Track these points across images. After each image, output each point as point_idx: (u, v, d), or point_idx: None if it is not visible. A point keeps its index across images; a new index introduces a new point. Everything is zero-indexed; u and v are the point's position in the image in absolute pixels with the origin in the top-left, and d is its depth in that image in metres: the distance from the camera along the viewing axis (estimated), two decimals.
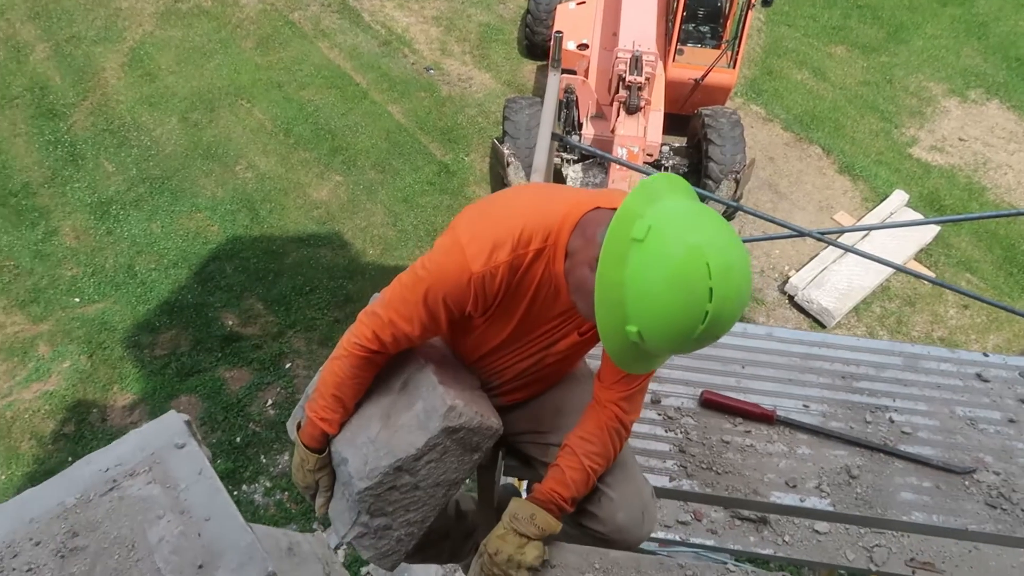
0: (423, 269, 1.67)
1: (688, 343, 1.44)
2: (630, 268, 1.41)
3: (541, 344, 1.83)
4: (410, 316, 1.69)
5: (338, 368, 1.77)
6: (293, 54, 8.98)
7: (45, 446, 5.75)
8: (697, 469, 2.25)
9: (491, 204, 1.72)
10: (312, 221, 7.40)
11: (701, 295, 1.36)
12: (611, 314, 1.46)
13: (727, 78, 7.92)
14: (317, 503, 1.92)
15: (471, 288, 1.61)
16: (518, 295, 1.68)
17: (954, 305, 7.15)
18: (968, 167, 8.40)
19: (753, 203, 7.82)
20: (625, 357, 1.53)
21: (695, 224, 1.40)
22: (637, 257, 1.40)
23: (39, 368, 6.16)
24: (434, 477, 1.82)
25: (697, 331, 1.40)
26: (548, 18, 8.69)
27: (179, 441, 1.37)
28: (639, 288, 1.40)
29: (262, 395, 6.11)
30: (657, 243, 1.38)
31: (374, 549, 1.88)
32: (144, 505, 1.28)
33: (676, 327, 1.40)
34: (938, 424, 2.38)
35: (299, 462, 1.87)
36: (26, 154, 7.77)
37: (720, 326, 1.41)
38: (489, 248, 1.58)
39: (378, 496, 1.80)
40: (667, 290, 1.38)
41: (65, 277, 6.80)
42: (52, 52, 8.74)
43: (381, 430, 1.79)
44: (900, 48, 9.69)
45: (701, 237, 1.38)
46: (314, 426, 1.83)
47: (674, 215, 1.42)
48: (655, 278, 1.39)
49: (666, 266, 1.38)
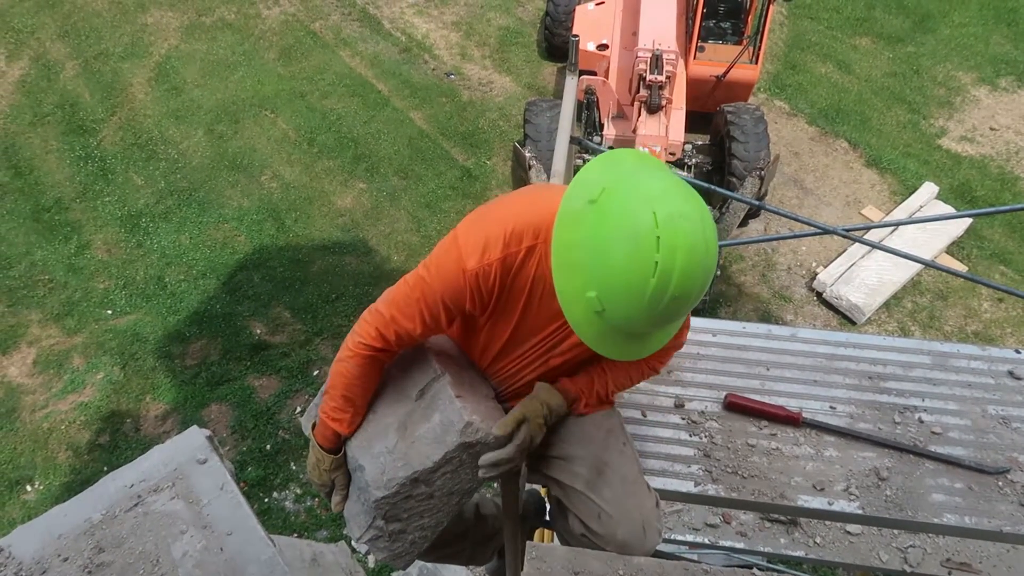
0: (424, 268, 1.71)
1: (645, 303, 1.38)
2: (583, 228, 1.40)
3: (546, 345, 1.84)
4: (412, 314, 1.72)
5: (345, 369, 1.79)
6: (315, 64, 9.07)
7: (81, 456, 5.87)
8: (722, 474, 2.23)
9: (491, 205, 1.76)
10: (337, 229, 7.47)
11: (648, 245, 1.33)
12: (569, 281, 1.44)
13: (749, 74, 7.84)
14: (333, 501, 1.95)
15: (467, 286, 1.65)
16: (514, 293, 1.70)
17: (988, 299, 7.01)
18: (1000, 157, 8.23)
19: (779, 199, 7.73)
20: (592, 332, 1.50)
21: (648, 181, 1.39)
22: (590, 217, 1.39)
23: (74, 380, 6.29)
24: (448, 487, 1.84)
25: (650, 286, 1.35)
26: (567, 20, 8.67)
27: (201, 456, 1.39)
28: (591, 246, 1.39)
29: (291, 402, 6.17)
30: (608, 201, 1.38)
31: (388, 551, 1.91)
32: (168, 520, 1.31)
33: (629, 284, 1.36)
34: (969, 423, 2.33)
35: (315, 462, 1.90)
36: (58, 170, 7.94)
37: (676, 284, 1.35)
38: (482, 246, 1.62)
39: (394, 504, 1.82)
40: (615, 243, 1.35)
41: (97, 290, 6.94)
42: (81, 69, 8.93)
43: (399, 441, 1.80)
44: (927, 38, 9.52)
45: (651, 191, 1.36)
46: (327, 427, 1.85)
47: (630, 176, 1.40)
48: (605, 234, 1.37)
49: (615, 220, 1.36)
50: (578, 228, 1.42)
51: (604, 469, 1.91)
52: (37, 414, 6.11)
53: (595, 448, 1.93)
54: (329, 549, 1.64)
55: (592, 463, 1.91)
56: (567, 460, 1.93)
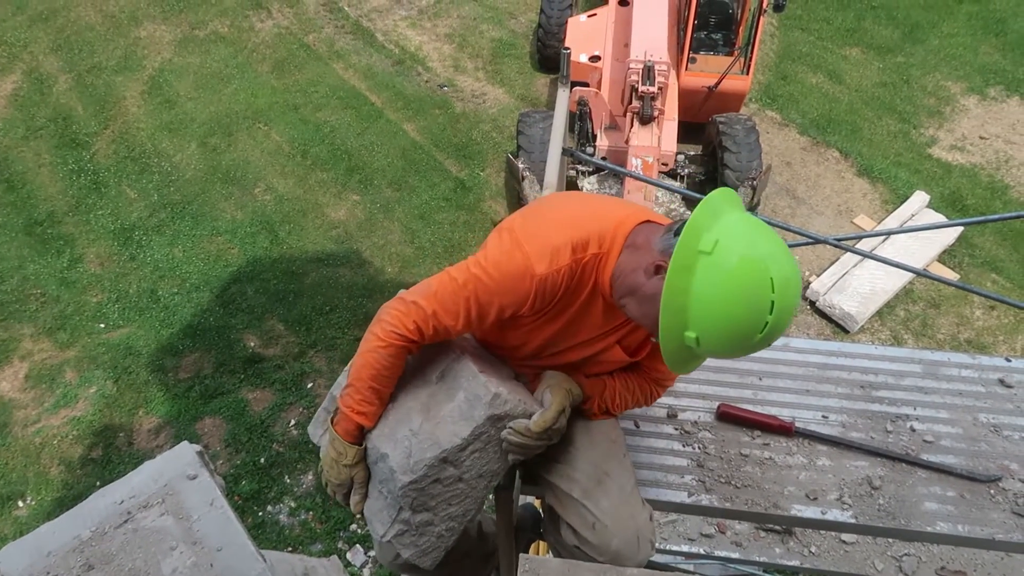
0: (478, 267, 1.68)
1: (740, 350, 1.58)
2: (697, 278, 1.51)
3: (578, 353, 1.87)
4: (456, 312, 1.69)
5: (374, 359, 1.74)
6: (309, 76, 9.09)
7: (74, 471, 5.83)
8: (716, 484, 2.23)
9: (544, 209, 1.77)
10: (330, 241, 7.47)
11: (763, 307, 1.49)
12: (673, 319, 1.55)
13: (741, 84, 7.90)
14: (353, 501, 1.87)
15: (532, 289, 1.65)
16: (571, 298, 1.73)
17: (980, 306, 7.04)
18: (990, 165, 8.29)
19: (771, 209, 7.77)
20: (676, 359, 1.63)
21: (757, 239, 1.53)
22: (704, 268, 1.51)
23: (67, 394, 6.26)
24: (477, 468, 1.80)
25: (755, 339, 1.53)
26: (560, 31, 8.72)
27: (191, 472, 1.39)
28: (704, 297, 1.51)
29: (285, 415, 6.15)
30: (724, 256, 1.50)
31: (414, 547, 1.83)
32: (158, 537, 1.30)
33: (736, 335, 1.53)
34: (961, 432, 2.34)
35: (335, 457, 1.82)
36: (51, 183, 7.93)
37: (774, 335, 1.54)
38: (551, 251, 1.64)
39: (421, 490, 1.76)
40: (731, 301, 1.50)
41: (90, 303, 6.92)
42: (74, 83, 8.93)
43: (423, 422, 1.76)
44: (916, 48, 9.60)
45: (764, 251, 1.51)
46: (349, 420, 1.79)
47: (737, 230, 1.54)
48: (720, 289, 1.50)
49: (732, 278, 1.50)
50: (689, 276, 1.52)
51: (603, 478, 1.91)
52: (29, 429, 6.08)
53: (597, 455, 1.94)
54: (321, 563, 1.63)
55: (592, 471, 1.91)
56: (568, 464, 1.93)
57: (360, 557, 5.43)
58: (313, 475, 5.82)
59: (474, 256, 1.72)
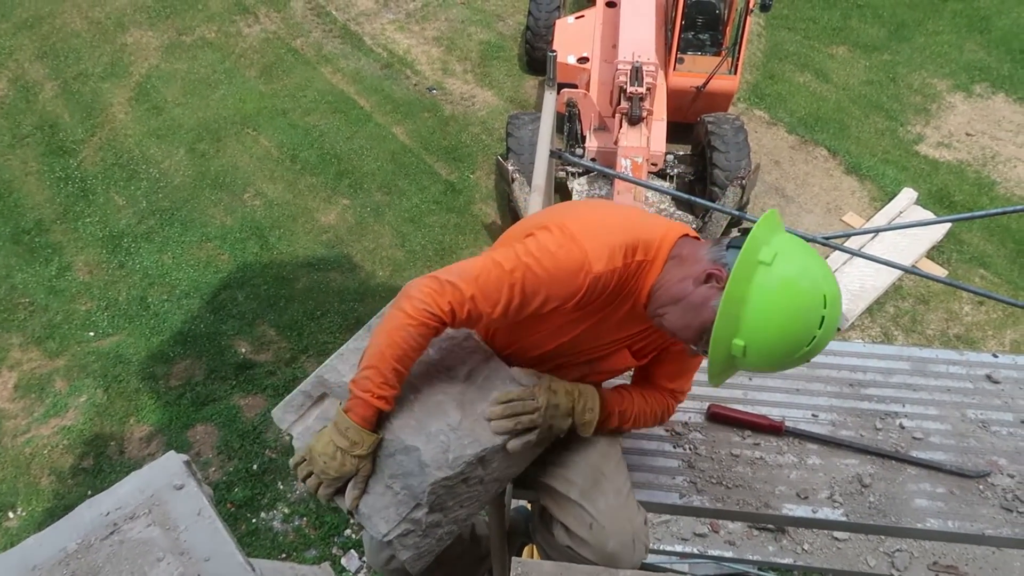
0: (529, 256, 1.64)
1: (781, 364, 1.65)
2: (754, 287, 1.57)
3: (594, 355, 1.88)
4: (497, 299, 1.64)
5: (402, 338, 1.63)
6: (297, 81, 9.07)
7: (64, 481, 5.79)
8: (707, 484, 2.23)
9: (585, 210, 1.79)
10: (321, 245, 7.45)
11: (813, 321, 1.57)
12: (725, 326, 1.59)
13: (729, 84, 7.93)
14: (353, 495, 1.71)
15: (585, 285, 1.64)
16: (608, 301, 1.73)
17: (969, 302, 7.08)
18: (977, 162, 8.34)
19: (760, 207, 7.79)
20: (719, 367, 1.67)
21: (810, 257, 1.62)
22: (762, 278, 1.57)
23: (56, 403, 6.23)
24: (499, 472, 1.78)
25: (799, 353, 1.60)
26: (548, 33, 8.73)
27: (178, 482, 1.38)
28: (759, 306, 1.57)
29: None
30: (782, 268, 1.58)
31: (415, 549, 1.75)
32: (144, 548, 1.29)
33: (783, 346, 1.59)
34: (949, 428, 2.35)
35: (345, 447, 1.66)
36: (38, 191, 7.89)
37: (816, 351, 1.61)
38: (608, 251, 1.65)
39: (449, 488, 1.71)
40: (785, 312, 1.57)
41: (79, 312, 6.88)
42: (60, 90, 8.89)
43: (463, 419, 1.72)
44: (902, 46, 9.66)
45: (817, 269, 1.60)
46: (368, 406, 1.66)
47: (793, 246, 1.62)
48: (776, 300, 1.57)
49: (788, 291, 1.57)
50: (747, 285, 1.58)
51: (600, 480, 1.90)
52: (19, 439, 6.04)
53: (594, 458, 1.93)
54: (312, 571, 1.62)
55: (589, 472, 1.91)
56: (564, 467, 1.92)
57: (355, 563, 5.42)
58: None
59: (523, 244, 1.67)
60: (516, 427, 1.75)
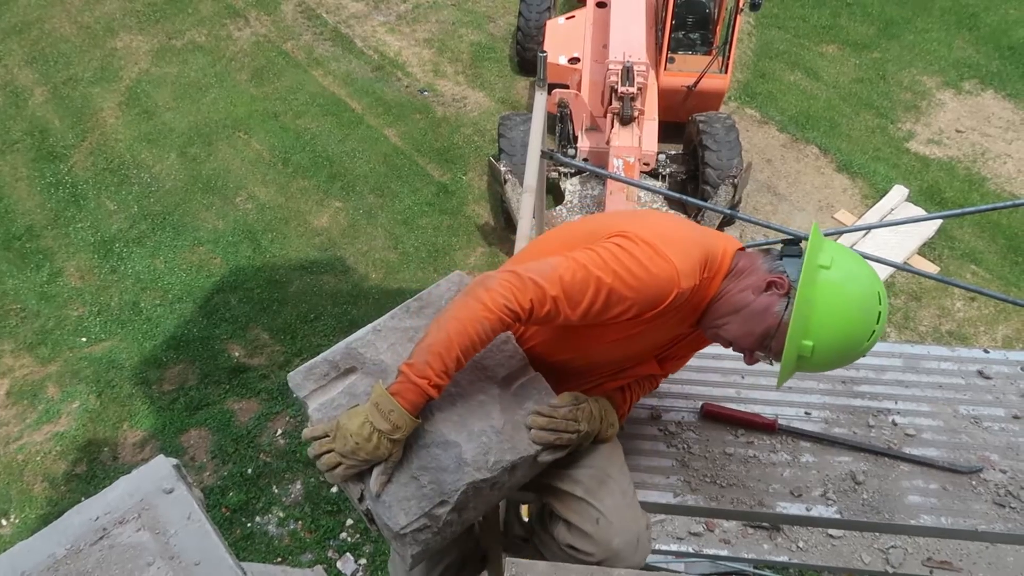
0: (619, 264, 1.64)
1: (846, 358, 1.77)
2: (819, 289, 1.68)
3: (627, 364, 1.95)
4: (579, 301, 1.64)
5: (475, 329, 1.58)
6: (288, 84, 9.05)
7: (58, 487, 5.77)
8: (701, 483, 2.23)
9: (655, 222, 1.79)
10: (314, 248, 7.44)
11: (873, 316, 1.70)
12: (797, 328, 1.69)
13: (720, 83, 7.94)
14: (380, 480, 1.64)
15: (670, 298, 1.67)
16: (676, 314, 1.76)
17: (960, 298, 7.11)
18: (967, 158, 8.37)
19: (752, 206, 7.81)
20: (788, 369, 1.77)
21: (860, 260, 1.77)
22: (825, 281, 1.69)
23: (49, 410, 6.19)
24: (516, 480, 1.78)
25: (861, 347, 1.73)
26: (538, 34, 8.74)
27: (167, 486, 1.37)
28: (825, 307, 1.68)
29: (271, 425, 6.11)
30: (840, 270, 1.70)
31: (424, 546, 1.70)
32: (134, 553, 1.28)
33: (848, 341, 1.71)
34: (942, 424, 2.36)
35: (387, 430, 1.59)
36: (28, 197, 7.85)
37: (872, 345, 1.74)
38: (691, 266, 1.70)
39: (479, 490, 1.68)
40: (849, 308, 1.69)
41: (71, 317, 6.85)
42: (50, 95, 8.85)
43: (506, 423, 1.72)
44: (891, 44, 9.69)
45: (869, 271, 1.75)
46: (422, 393, 1.60)
47: (842, 250, 1.76)
48: (840, 299, 1.69)
49: (849, 290, 1.69)
50: (812, 288, 1.69)
51: (606, 480, 1.91)
52: (11, 446, 6.00)
53: (600, 460, 1.94)
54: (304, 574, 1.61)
55: (595, 472, 1.91)
56: (569, 468, 1.93)
57: (351, 566, 5.40)
58: (302, 484, 5.78)
59: (611, 253, 1.66)
60: (556, 441, 1.78)
